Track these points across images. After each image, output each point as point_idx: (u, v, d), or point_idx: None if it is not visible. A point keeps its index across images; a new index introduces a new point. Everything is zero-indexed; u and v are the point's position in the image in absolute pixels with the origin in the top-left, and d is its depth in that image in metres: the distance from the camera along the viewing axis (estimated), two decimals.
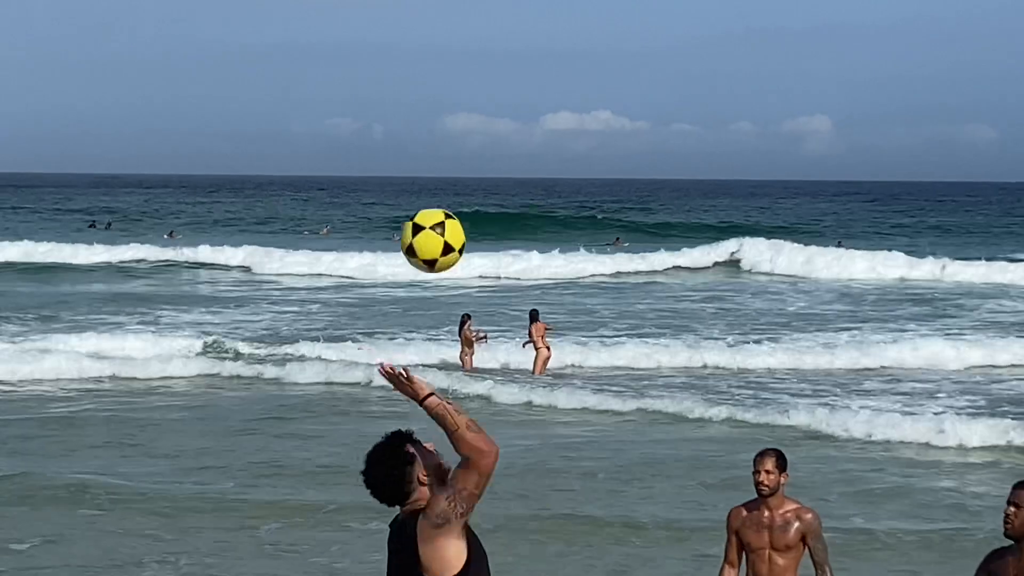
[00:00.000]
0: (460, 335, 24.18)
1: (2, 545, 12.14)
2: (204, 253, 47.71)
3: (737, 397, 21.01)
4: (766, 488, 7.81)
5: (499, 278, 43.02)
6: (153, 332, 27.66)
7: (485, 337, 24.43)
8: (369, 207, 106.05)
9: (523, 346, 24.24)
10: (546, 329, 24.09)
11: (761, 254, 47.09)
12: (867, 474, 15.59)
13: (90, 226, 72.39)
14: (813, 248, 47.82)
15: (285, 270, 45.06)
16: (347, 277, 43.16)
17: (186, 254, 47.81)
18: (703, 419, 18.97)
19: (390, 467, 5.31)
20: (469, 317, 24.60)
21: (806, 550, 7.91)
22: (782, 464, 7.85)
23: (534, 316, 24.22)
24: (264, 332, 28.84)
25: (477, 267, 42.48)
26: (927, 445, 17.31)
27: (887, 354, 25.37)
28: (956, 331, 29.11)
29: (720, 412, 19.14)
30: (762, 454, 7.97)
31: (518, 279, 43.04)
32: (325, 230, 71.99)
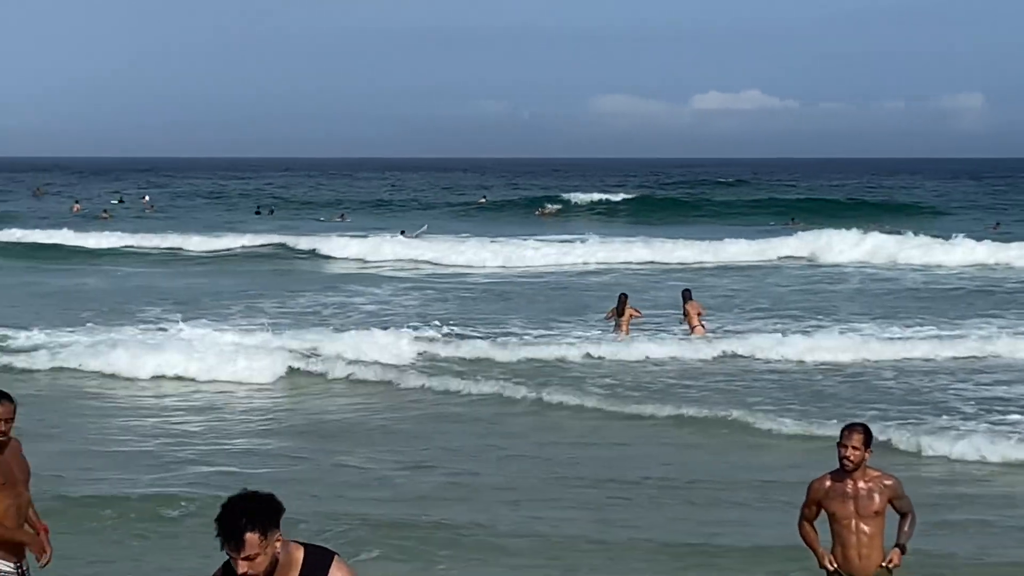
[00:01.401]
0: (618, 313, 25.32)
1: None
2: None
3: None
4: (850, 463, 8.02)
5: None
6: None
7: (639, 313, 25.56)
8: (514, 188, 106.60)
9: (681, 324, 25.40)
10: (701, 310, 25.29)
11: None
12: None
13: (256, 212, 75.29)
14: None
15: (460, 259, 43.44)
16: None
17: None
18: None
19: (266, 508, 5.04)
20: (627, 296, 25.79)
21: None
22: (868, 440, 8.07)
23: (687, 296, 25.39)
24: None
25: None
26: None
27: None
28: None
29: None
30: (850, 428, 8.15)
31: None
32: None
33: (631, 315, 25.05)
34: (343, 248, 46.00)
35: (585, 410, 18.52)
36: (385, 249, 45.34)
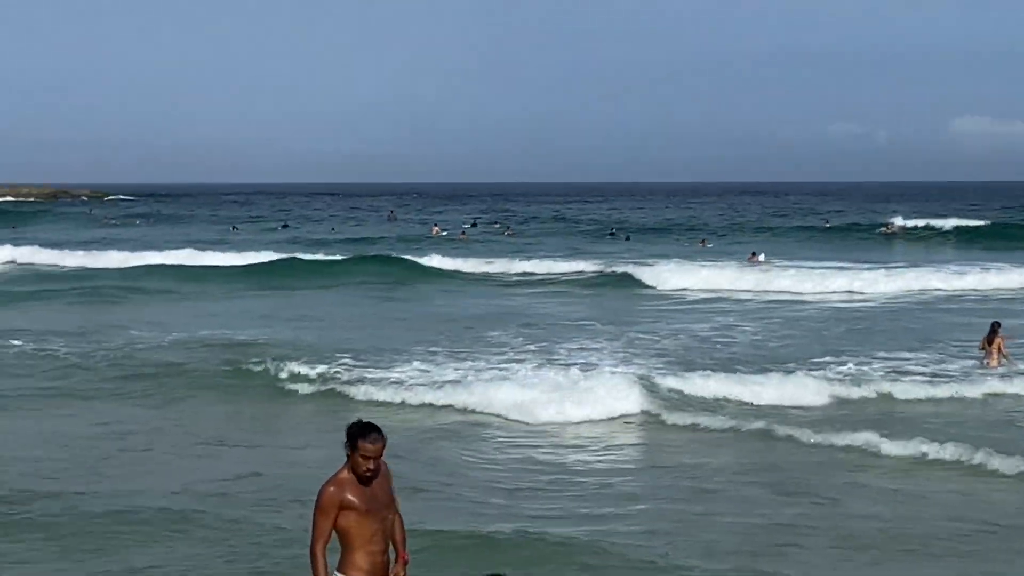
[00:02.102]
0: (988, 342, 23.95)
1: None
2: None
3: None
4: None
5: None
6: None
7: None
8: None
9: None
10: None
11: None
12: None
13: (609, 233, 76.13)
14: None
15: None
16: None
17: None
18: None
19: None
20: (999, 324, 24.36)
21: None
22: None
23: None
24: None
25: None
26: None
27: None
28: None
29: None
30: None
31: None
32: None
33: (1000, 344, 23.75)
34: (689, 275, 44.98)
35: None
36: (725, 276, 43.92)
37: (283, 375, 22.43)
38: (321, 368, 22.74)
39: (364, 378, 22.17)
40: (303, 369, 22.59)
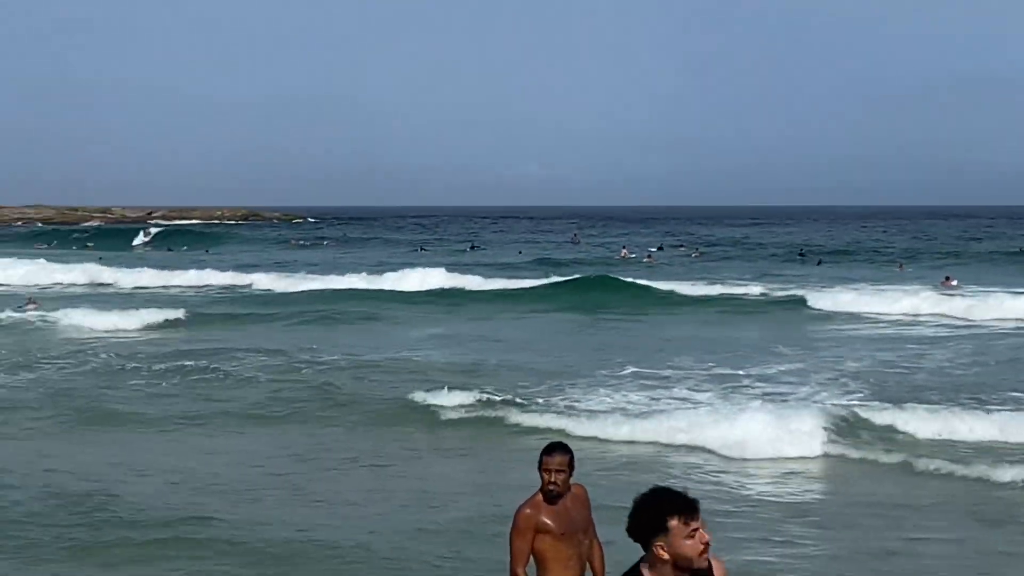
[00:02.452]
0: None
1: None
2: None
3: None
4: None
5: None
6: None
7: None
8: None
9: None
10: None
11: None
12: None
13: (799, 255, 74.84)
14: None
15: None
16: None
17: None
18: None
19: (640, 516, 5.18)
20: None
21: None
22: None
23: None
24: None
25: None
26: None
27: None
28: None
29: None
30: None
31: None
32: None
33: None
34: (884, 299, 43.11)
35: None
36: (921, 301, 41.80)
37: (472, 401, 22.13)
38: (520, 394, 22.57)
39: (551, 404, 21.91)
40: (490, 396, 22.32)
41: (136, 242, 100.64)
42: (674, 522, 5.07)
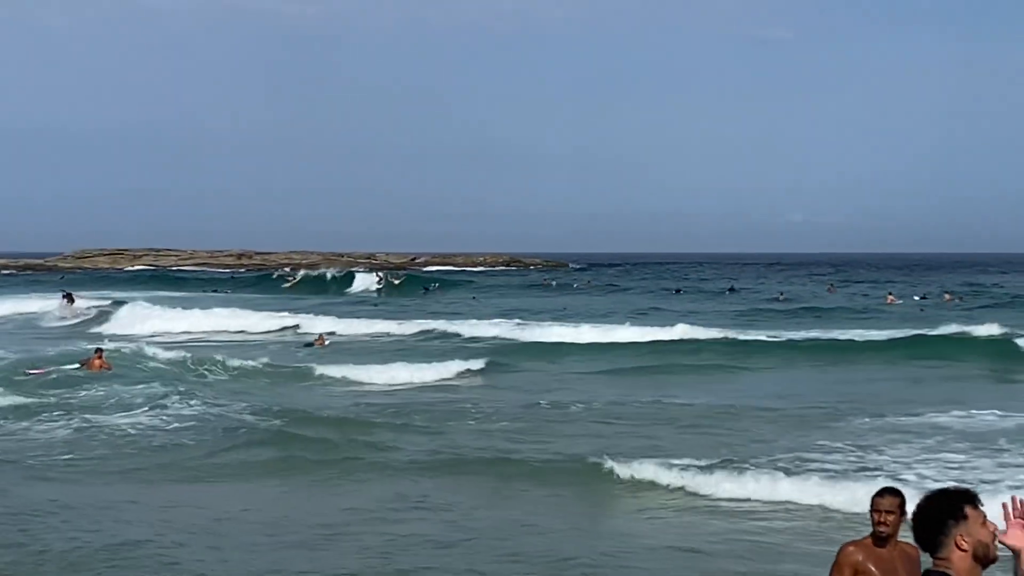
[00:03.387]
0: None
1: None
2: None
3: None
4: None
5: None
6: None
7: None
8: None
9: None
10: None
11: None
12: None
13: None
14: None
15: None
16: None
17: None
18: None
19: (934, 510, 5.19)
20: None
21: None
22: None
23: None
24: None
25: None
26: None
27: None
28: None
29: None
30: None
31: None
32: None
33: None
34: None
35: None
36: None
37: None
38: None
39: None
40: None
41: (282, 284, 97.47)
42: (970, 509, 5.18)
